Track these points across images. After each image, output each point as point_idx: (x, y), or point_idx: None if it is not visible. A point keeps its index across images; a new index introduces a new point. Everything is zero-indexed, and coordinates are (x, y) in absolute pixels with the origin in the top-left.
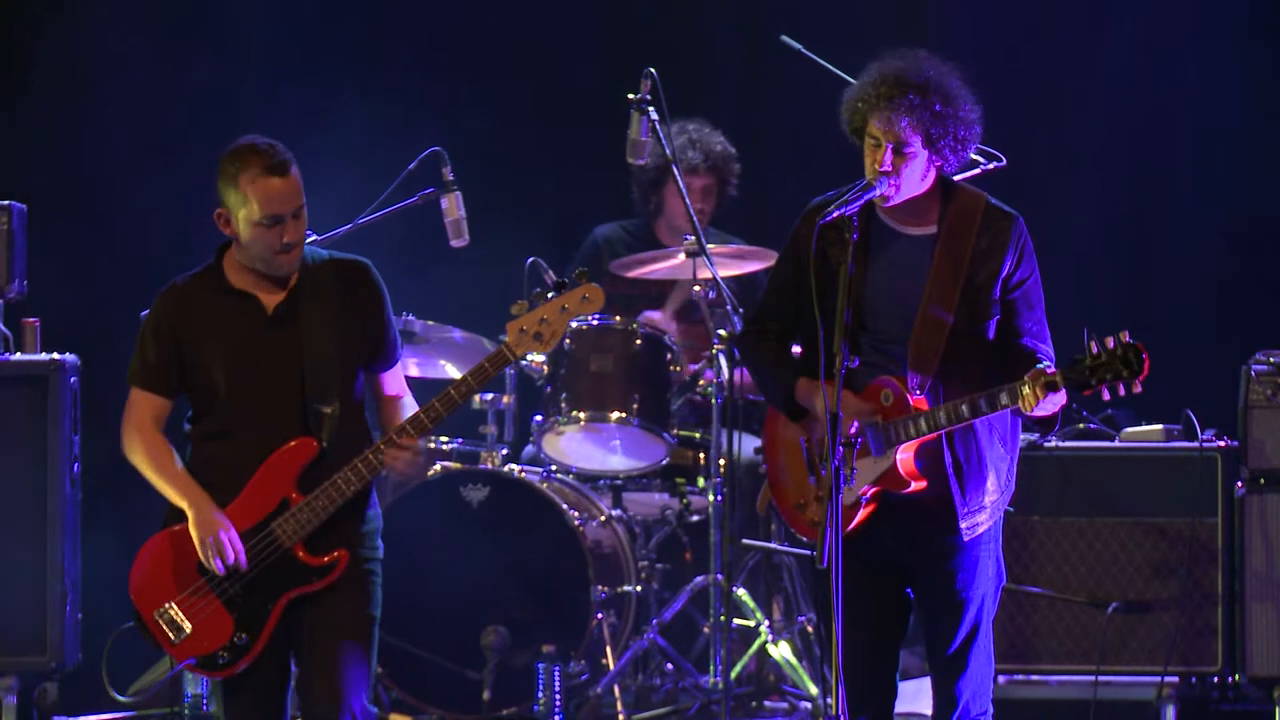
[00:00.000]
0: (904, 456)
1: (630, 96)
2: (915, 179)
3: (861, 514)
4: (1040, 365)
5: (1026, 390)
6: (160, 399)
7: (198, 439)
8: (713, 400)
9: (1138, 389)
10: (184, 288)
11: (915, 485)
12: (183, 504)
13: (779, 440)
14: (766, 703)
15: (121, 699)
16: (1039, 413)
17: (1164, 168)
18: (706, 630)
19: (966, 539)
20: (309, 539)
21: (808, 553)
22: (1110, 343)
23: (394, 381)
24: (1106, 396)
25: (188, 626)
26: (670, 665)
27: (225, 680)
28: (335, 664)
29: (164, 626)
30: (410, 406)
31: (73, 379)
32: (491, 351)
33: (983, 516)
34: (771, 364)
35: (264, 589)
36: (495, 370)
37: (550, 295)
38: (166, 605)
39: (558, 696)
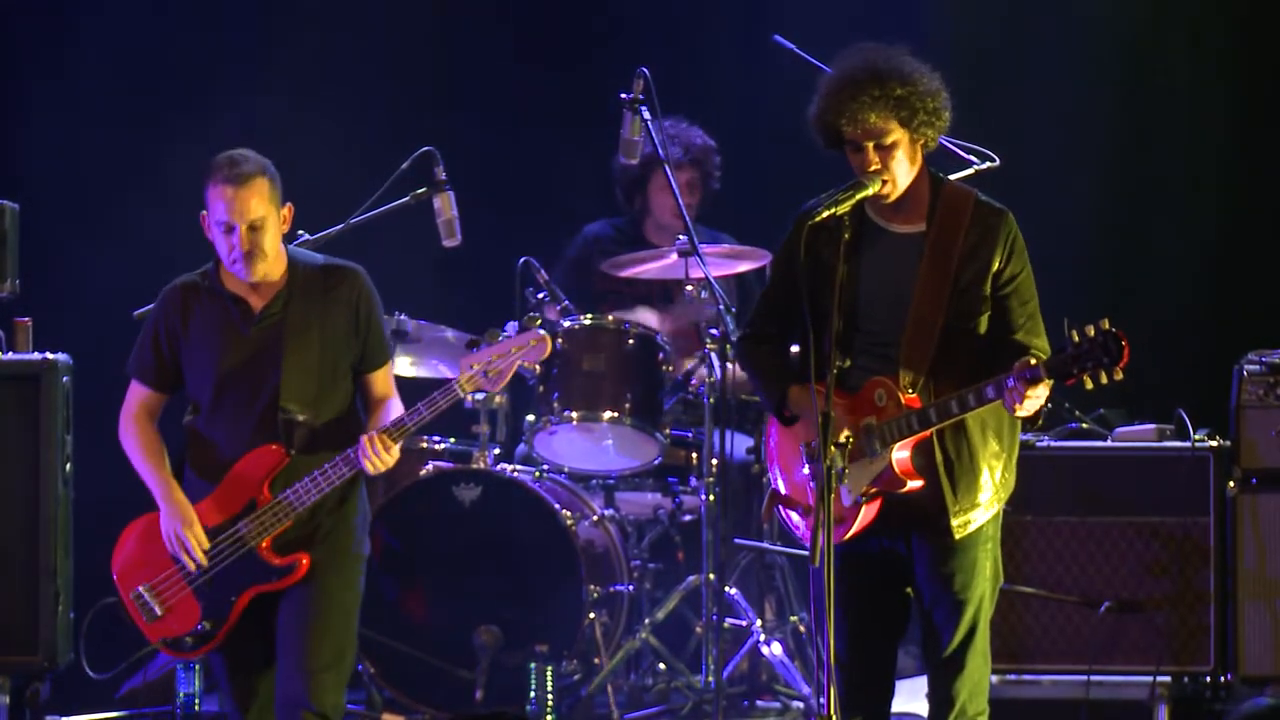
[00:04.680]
0: (900, 456)
1: (623, 96)
2: (905, 167)
3: (863, 516)
4: (1024, 358)
5: (1011, 383)
6: (153, 392)
7: (192, 431)
8: (706, 400)
9: (1119, 376)
10: (184, 287)
11: (912, 484)
12: (157, 497)
13: (782, 445)
14: (759, 702)
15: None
16: (1024, 412)
17: (1156, 165)
18: (699, 630)
19: (958, 537)
20: (277, 540)
21: (800, 552)
22: (1091, 331)
23: (381, 383)
24: (1090, 386)
25: (159, 609)
26: (663, 665)
27: (226, 660)
28: (303, 657)
29: (138, 606)
30: (396, 408)
31: (65, 378)
32: (446, 385)
33: (976, 514)
34: (766, 370)
35: (229, 582)
36: (447, 404)
37: (501, 337)
38: (142, 587)
39: (550, 696)
